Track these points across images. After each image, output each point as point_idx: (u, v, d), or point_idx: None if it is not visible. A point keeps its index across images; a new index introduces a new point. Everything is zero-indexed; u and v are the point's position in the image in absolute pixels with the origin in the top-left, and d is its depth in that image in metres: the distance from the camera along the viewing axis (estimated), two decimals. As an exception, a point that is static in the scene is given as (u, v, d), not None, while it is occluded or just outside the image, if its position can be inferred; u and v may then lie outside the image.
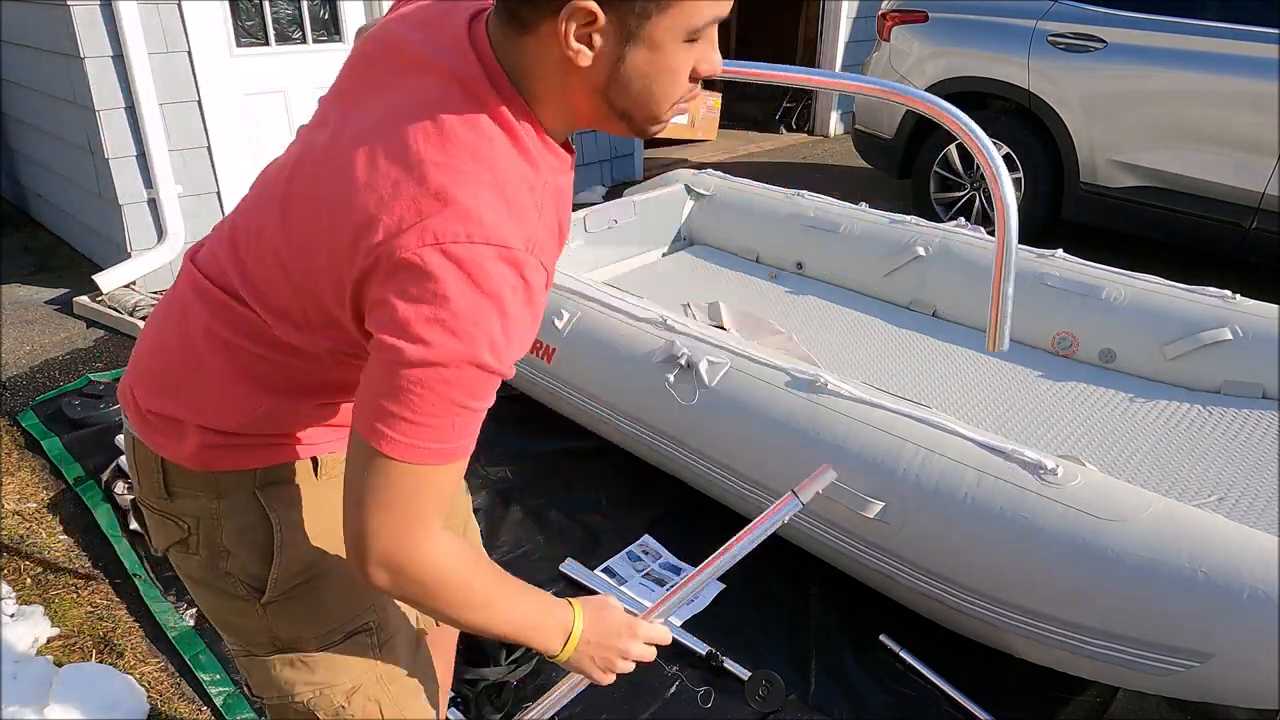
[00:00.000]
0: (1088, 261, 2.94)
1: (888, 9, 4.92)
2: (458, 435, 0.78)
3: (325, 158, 0.82)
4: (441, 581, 0.84)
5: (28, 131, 4.54)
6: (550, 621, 0.95)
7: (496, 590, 0.90)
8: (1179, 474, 2.25)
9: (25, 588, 2.17)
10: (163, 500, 0.97)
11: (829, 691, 1.88)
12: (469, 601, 0.86)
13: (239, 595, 0.97)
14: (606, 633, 0.99)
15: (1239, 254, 3.89)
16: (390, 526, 0.79)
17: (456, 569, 0.85)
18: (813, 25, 7.77)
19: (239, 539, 0.96)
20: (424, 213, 0.73)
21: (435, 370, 0.73)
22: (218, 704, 1.84)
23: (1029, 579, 1.66)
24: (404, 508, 0.78)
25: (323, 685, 1.01)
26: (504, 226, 0.74)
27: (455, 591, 0.85)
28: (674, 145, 7.08)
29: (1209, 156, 3.82)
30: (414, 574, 0.82)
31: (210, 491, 0.95)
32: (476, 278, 0.72)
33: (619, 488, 2.54)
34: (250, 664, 1.02)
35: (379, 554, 0.80)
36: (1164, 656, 1.55)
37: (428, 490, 0.79)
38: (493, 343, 0.74)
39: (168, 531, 0.99)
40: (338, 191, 0.78)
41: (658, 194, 3.82)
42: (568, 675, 1.15)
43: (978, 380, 2.76)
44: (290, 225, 0.83)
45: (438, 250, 0.72)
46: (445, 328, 0.72)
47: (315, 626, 1.00)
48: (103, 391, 2.95)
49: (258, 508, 0.95)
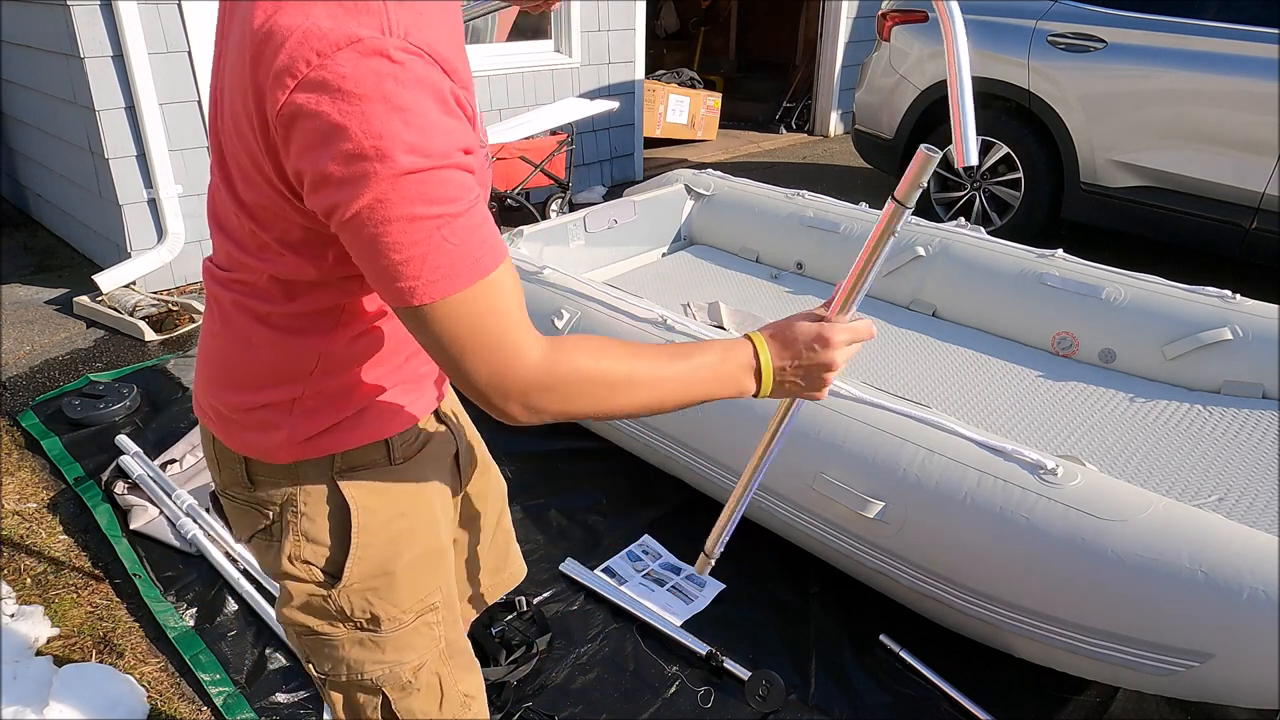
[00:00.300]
0: (1088, 261, 2.94)
1: (888, 9, 4.92)
2: (462, 247, 0.73)
3: (217, 87, 0.84)
4: (568, 380, 0.81)
5: (28, 131, 4.54)
6: (729, 366, 0.90)
7: (642, 364, 0.85)
8: (1179, 474, 2.25)
9: (25, 588, 2.17)
10: (246, 489, 0.98)
11: (829, 691, 1.88)
12: (614, 387, 0.83)
13: (317, 581, 0.98)
14: (799, 352, 0.93)
15: (1239, 254, 3.89)
16: (480, 362, 0.77)
17: (577, 362, 0.81)
18: (813, 25, 7.78)
19: (319, 525, 0.97)
20: (274, 63, 0.70)
21: (379, 205, 0.70)
22: (218, 704, 1.84)
23: (1029, 579, 1.66)
24: (476, 338, 0.76)
25: (393, 664, 1.03)
26: (345, 24, 0.69)
27: (592, 384, 0.82)
28: (674, 145, 7.08)
29: (1209, 156, 3.82)
30: (535, 389, 0.79)
31: (291, 479, 0.96)
32: (345, 89, 0.68)
33: (619, 488, 2.54)
34: (315, 643, 1.03)
35: (491, 391, 0.78)
36: (1164, 656, 1.55)
37: (485, 311, 0.76)
38: (405, 143, 0.69)
39: (251, 520, 1.00)
40: (231, 103, 0.79)
41: (658, 194, 3.82)
42: (782, 406, 1.05)
43: (978, 380, 2.76)
44: (226, 164, 0.84)
45: (298, 89, 0.69)
46: (353, 160, 0.69)
47: (390, 609, 1.01)
48: (103, 391, 2.96)
49: (336, 494, 0.97)
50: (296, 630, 1.02)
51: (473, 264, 0.74)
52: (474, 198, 0.75)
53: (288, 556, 0.98)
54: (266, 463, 0.96)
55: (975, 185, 4.65)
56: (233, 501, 1.02)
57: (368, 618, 1.00)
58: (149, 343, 3.48)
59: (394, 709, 1.05)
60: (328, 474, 0.96)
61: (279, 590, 1.02)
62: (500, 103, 5.11)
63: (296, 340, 0.91)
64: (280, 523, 0.98)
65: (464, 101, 0.75)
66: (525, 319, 0.80)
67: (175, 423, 2.86)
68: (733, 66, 9.35)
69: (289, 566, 0.98)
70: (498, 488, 1.32)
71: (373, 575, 0.99)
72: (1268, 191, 3.68)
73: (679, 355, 0.88)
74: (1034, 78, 4.25)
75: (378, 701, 1.04)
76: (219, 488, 1.04)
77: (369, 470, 0.98)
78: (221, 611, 2.09)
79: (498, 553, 1.33)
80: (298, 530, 0.97)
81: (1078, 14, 4.13)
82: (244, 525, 1.02)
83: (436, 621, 1.06)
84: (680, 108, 6.87)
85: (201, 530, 2.29)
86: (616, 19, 5.57)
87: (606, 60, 5.62)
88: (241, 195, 0.83)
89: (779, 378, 0.93)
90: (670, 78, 7.51)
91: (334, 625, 1.00)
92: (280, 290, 0.88)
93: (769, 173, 6.23)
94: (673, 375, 0.87)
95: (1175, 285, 2.76)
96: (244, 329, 0.92)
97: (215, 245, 0.93)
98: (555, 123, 4.27)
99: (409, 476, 1.01)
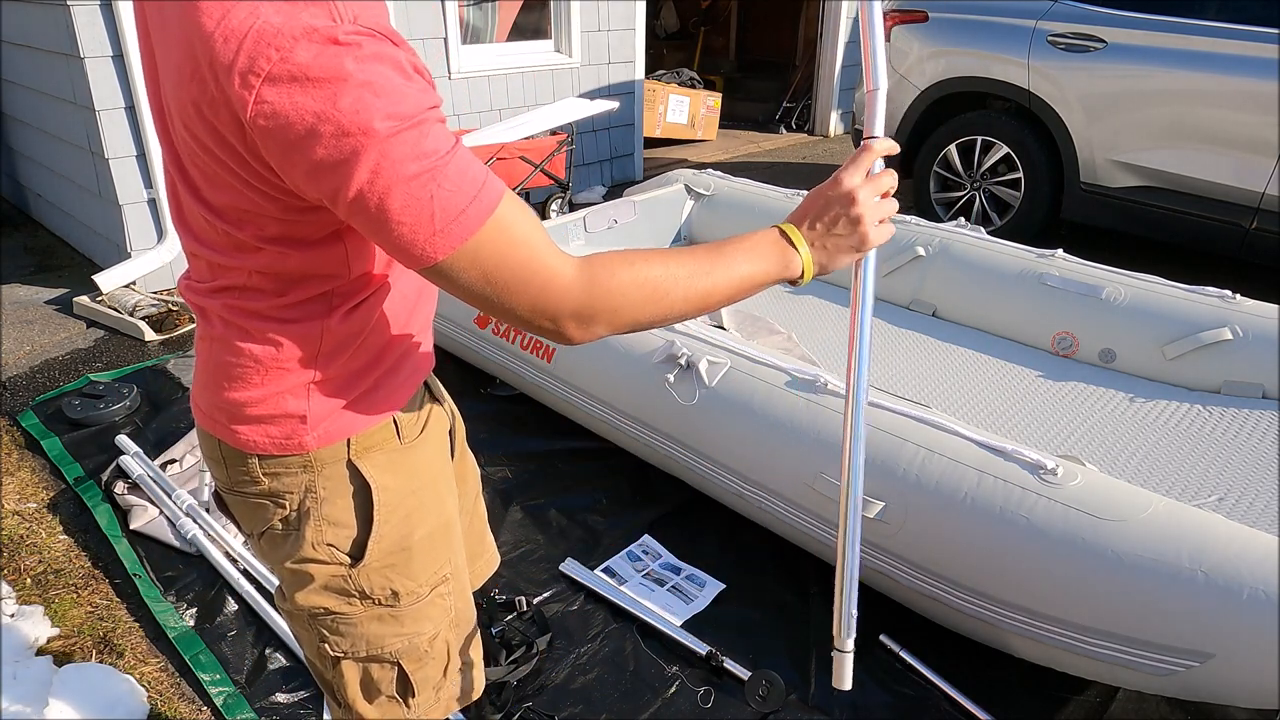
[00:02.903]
0: (1088, 261, 2.94)
1: (888, 9, 4.92)
2: (460, 189, 0.76)
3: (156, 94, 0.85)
4: (612, 291, 0.83)
5: (28, 131, 4.54)
6: (761, 244, 0.92)
7: (675, 262, 0.87)
8: (1179, 474, 2.25)
9: (25, 588, 2.17)
10: (257, 484, 0.99)
11: (829, 691, 1.88)
12: (657, 287, 0.85)
13: (339, 563, 1.00)
14: (831, 219, 0.94)
15: (1239, 254, 3.89)
16: (519, 295, 0.80)
17: (615, 271, 0.84)
18: (813, 25, 7.78)
19: (340, 507, 0.99)
20: (235, 65, 0.71)
21: (376, 176, 0.72)
22: (218, 704, 1.84)
23: (1029, 579, 1.66)
24: (506, 273, 0.79)
25: (411, 635, 1.06)
26: (297, 17, 0.71)
27: (635, 289, 0.84)
28: (674, 145, 7.08)
29: (1209, 156, 3.82)
30: (582, 306, 0.82)
31: (307, 468, 0.97)
32: (311, 76, 0.70)
33: (619, 488, 2.54)
34: (332, 622, 1.04)
35: (539, 318, 0.81)
36: (1164, 656, 1.55)
37: (505, 245, 0.78)
38: (381, 112, 0.71)
39: (264, 513, 1.00)
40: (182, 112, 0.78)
41: (658, 194, 3.82)
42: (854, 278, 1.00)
43: (978, 380, 2.76)
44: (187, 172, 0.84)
45: (265, 85, 0.70)
46: (337, 139, 0.71)
47: (408, 583, 1.04)
48: (103, 391, 2.96)
49: (357, 475, 0.98)
50: (311, 613, 1.03)
51: (477, 203, 0.76)
52: (454, 143, 0.77)
53: (311, 543, 0.99)
54: (281, 455, 0.96)
55: (975, 185, 4.65)
56: (243, 498, 1.01)
57: (387, 594, 1.03)
58: (149, 343, 3.48)
59: (410, 679, 1.08)
60: (344, 457, 0.98)
61: (286, 580, 1.03)
62: (500, 103, 5.11)
63: (297, 327, 0.91)
64: (299, 511, 0.99)
65: (420, 68, 0.78)
66: (548, 241, 0.82)
67: (175, 423, 2.86)
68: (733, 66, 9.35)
69: (312, 552, 0.99)
70: (475, 471, 1.35)
71: (391, 552, 1.02)
72: (1268, 191, 3.68)
73: (710, 248, 0.90)
74: (1034, 78, 4.24)
75: (393, 675, 1.07)
76: (224, 486, 1.04)
77: (381, 451, 1.00)
78: (221, 611, 2.09)
79: (474, 538, 1.35)
80: (319, 515, 0.98)
81: (1078, 14, 4.13)
82: (256, 520, 1.02)
83: (448, 592, 1.10)
84: (680, 108, 6.87)
85: (201, 530, 2.29)
86: (616, 19, 5.57)
87: (606, 60, 5.62)
88: (210, 200, 0.84)
89: (818, 251, 0.94)
90: (670, 78, 7.51)
91: (352, 603, 1.02)
92: (269, 284, 0.89)
93: (769, 173, 6.23)
94: (708, 266, 0.89)
95: (1175, 285, 2.76)
96: (242, 329, 0.92)
97: (190, 258, 0.94)
98: (555, 123, 4.27)
99: (416, 454, 1.04)
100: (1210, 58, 3.73)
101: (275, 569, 1.05)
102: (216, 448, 1.01)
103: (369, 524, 1.00)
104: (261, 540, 1.04)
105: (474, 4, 4.95)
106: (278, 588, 1.09)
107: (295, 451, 0.96)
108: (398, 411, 1.02)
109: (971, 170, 4.62)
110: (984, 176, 4.60)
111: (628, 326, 0.87)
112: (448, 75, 4.78)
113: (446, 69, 4.77)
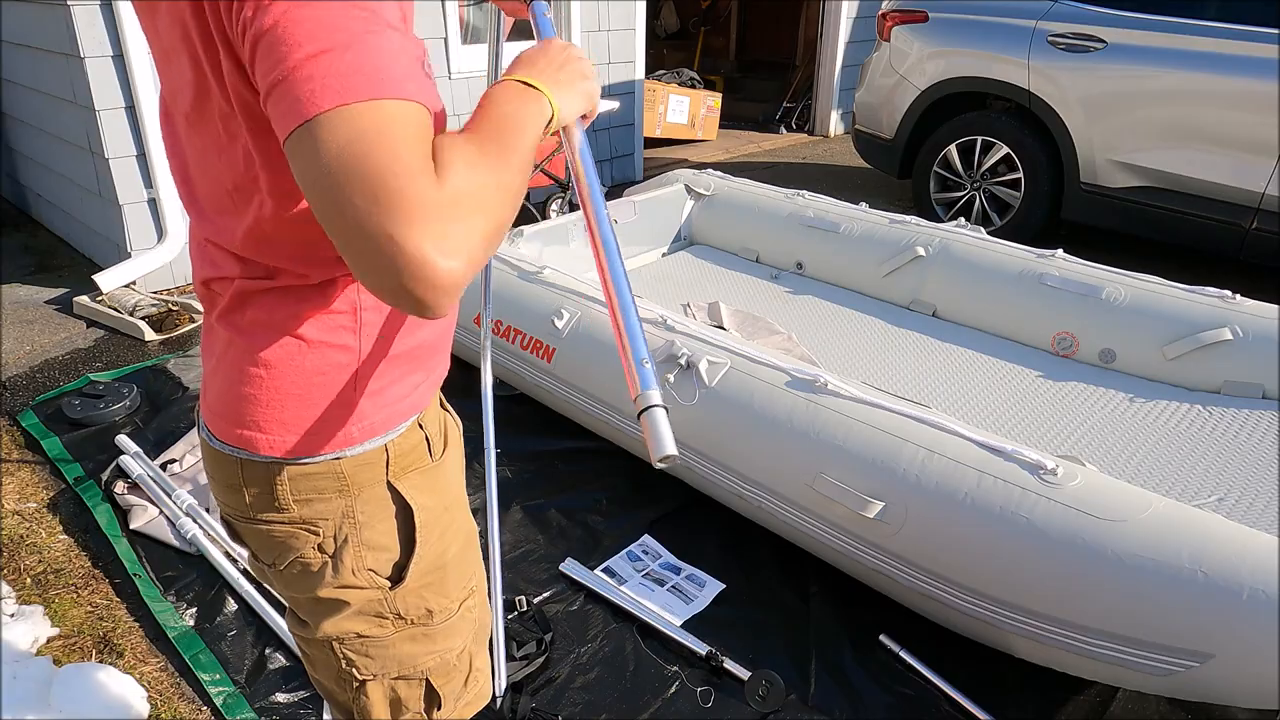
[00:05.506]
0: (1088, 261, 2.94)
1: (888, 9, 4.92)
2: (365, 65, 0.66)
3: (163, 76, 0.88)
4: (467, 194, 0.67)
5: (28, 131, 4.54)
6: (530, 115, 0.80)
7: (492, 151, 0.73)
8: (1179, 474, 2.25)
9: (25, 588, 2.17)
10: (284, 511, 0.93)
11: (829, 691, 1.88)
12: (496, 191, 0.71)
13: (378, 587, 0.98)
14: (543, 54, 0.88)
15: (1239, 254, 3.89)
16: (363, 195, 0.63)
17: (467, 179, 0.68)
18: (813, 25, 7.78)
19: (380, 531, 0.96)
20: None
21: (293, 5, 0.66)
22: (218, 704, 1.84)
23: (1029, 579, 1.66)
24: (363, 163, 0.63)
25: (442, 651, 1.06)
26: None
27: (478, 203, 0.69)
28: (674, 145, 7.08)
29: (1209, 156, 3.82)
30: (434, 226, 0.64)
31: (342, 491, 0.93)
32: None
33: (619, 488, 2.54)
34: (363, 645, 1.02)
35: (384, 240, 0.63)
36: (1164, 656, 1.55)
37: (374, 135, 0.64)
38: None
39: (293, 543, 0.94)
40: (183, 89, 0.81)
41: (658, 194, 3.82)
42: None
43: (978, 380, 2.76)
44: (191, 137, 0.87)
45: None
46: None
47: (442, 600, 1.03)
48: (103, 391, 2.96)
49: (398, 496, 0.96)
50: (339, 640, 0.99)
51: (374, 80, 0.66)
52: (400, 39, 0.70)
53: (351, 569, 0.96)
54: (310, 473, 0.91)
55: (975, 185, 4.65)
56: (266, 527, 0.94)
57: (422, 613, 1.02)
58: (149, 342, 3.48)
59: (439, 693, 1.08)
60: (382, 478, 0.95)
61: (313, 609, 0.98)
62: (500, 103, 5.10)
63: (327, 294, 0.87)
64: (336, 538, 0.94)
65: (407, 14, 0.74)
66: (426, 169, 0.66)
67: (175, 422, 2.86)
68: (733, 66, 9.35)
69: (351, 578, 0.96)
70: None
71: (429, 571, 1.01)
72: (1268, 192, 3.68)
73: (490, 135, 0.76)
74: (1034, 78, 4.25)
75: (421, 691, 1.06)
76: (241, 514, 0.96)
77: (418, 471, 0.99)
78: (221, 611, 2.09)
79: None
80: (359, 541, 0.95)
81: (1078, 14, 4.13)
82: (281, 550, 0.96)
83: (474, 605, 1.10)
84: (680, 108, 6.87)
85: (201, 530, 2.29)
86: (616, 19, 5.57)
87: (606, 60, 5.62)
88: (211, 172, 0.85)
89: (547, 80, 0.84)
90: (670, 78, 7.51)
91: (384, 625, 1.00)
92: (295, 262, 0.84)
93: (769, 173, 6.24)
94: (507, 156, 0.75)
95: (1175, 285, 2.76)
96: (269, 323, 0.87)
97: (210, 247, 0.90)
98: (555, 123, 4.27)
99: (445, 469, 1.05)
100: (1210, 58, 3.73)
101: (299, 599, 1.00)
102: (237, 472, 0.92)
103: (411, 545, 0.97)
104: (285, 570, 0.97)
105: (474, 4, 4.95)
106: (291, 613, 1.05)
107: (342, 447, 0.90)
108: (422, 415, 0.99)
109: (971, 170, 4.62)
110: (984, 177, 4.60)
111: (475, 251, 0.67)
112: (448, 75, 4.78)
113: (446, 69, 4.77)
